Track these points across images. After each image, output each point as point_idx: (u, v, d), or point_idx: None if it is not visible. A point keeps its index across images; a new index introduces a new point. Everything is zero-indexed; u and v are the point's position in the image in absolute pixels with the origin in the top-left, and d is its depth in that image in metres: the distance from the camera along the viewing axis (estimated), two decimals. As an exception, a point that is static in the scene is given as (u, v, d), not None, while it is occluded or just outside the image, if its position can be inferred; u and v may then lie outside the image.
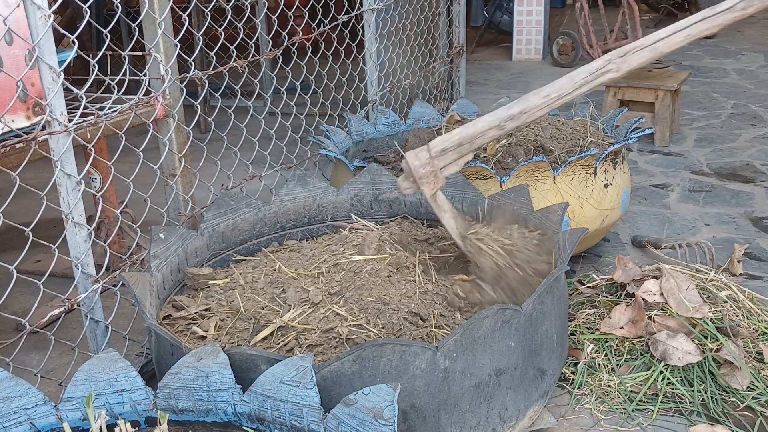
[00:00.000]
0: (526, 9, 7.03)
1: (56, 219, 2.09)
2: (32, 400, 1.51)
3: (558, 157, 2.73)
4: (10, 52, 1.77)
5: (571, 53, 6.70)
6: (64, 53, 2.02)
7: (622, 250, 3.04)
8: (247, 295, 2.04)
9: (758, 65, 6.43)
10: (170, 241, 2.11)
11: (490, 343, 1.66)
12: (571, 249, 1.93)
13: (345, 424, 1.37)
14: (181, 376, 1.53)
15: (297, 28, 3.15)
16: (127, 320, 2.34)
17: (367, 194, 2.55)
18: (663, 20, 8.43)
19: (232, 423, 1.54)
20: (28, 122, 1.85)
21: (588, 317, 2.37)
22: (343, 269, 2.07)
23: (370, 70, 3.67)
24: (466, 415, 1.65)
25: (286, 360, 1.47)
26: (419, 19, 4.47)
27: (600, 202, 2.66)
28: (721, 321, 2.19)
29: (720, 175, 3.87)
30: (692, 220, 3.32)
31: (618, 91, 4.40)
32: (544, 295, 1.79)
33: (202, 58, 4.70)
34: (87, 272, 2.01)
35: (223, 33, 2.60)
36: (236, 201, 2.38)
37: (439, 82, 4.95)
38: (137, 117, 2.20)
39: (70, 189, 1.92)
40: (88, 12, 1.96)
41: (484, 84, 6.29)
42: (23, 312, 2.45)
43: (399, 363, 1.55)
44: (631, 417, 2.02)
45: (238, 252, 2.37)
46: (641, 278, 2.38)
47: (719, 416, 1.99)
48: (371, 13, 3.56)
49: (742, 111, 5.07)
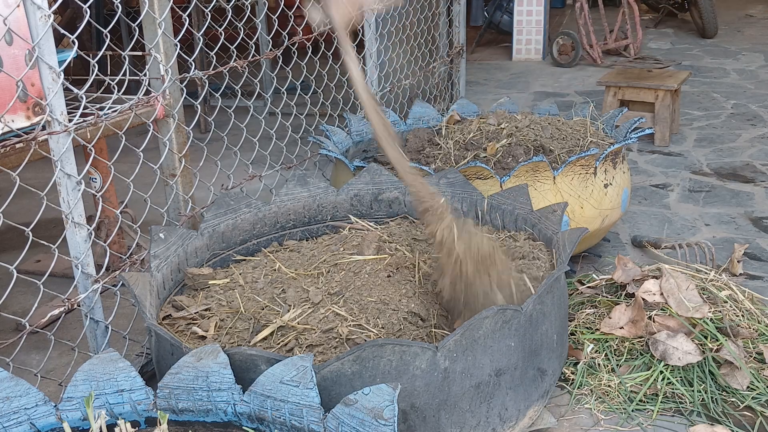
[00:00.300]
0: (526, 9, 7.03)
1: (56, 219, 2.09)
2: (32, 400, 1.51)
3: (558, 157, 2.73)
4: (10, 52, 1.77)
5: (571, 53, 6.70)
6: (64, 53, 2.02)
7: (622, 250, 3.04)
8: (247, 295, 2.04)
9: (758, 65, 6.43)
10: (170, 241, 2.11)
11: (490, 343, 1.66)
12: (571, 249, 1.93)
13: (345, 424, 1.37)
14: (181, 376, 1.53)
15: (297, 28, 3.15)
16: (127, 320, 2.34)
17: (367, 194, 2.55)
18: (663, 20, 8.42)
19: (232, 423, 1.54)
20: (28, 122, 1.85)
21: (588, 317, 2.37)
22: (342, 269, 2.07)
23: (370, 70, 3.67)
24: (466, 416, 1.65)
25: (286, 360, 1.47)
26: (419, 19, 4.47)
27: (600, 202, 2.66)
28: (721, 321, 2.19)
29: (720, 175, 3.87)
30: (692, 220, 3.32)
31: (618, 91, 4.40)
32: (544, 295, 1.79)
33: (202, 58, 4.70)
34: (87, 272, 2.02)
35: (223, 33, 2.60)
36: (236, 201, 2.38)
37: (439, 82, 4.95)
38: (137, 117, 2.20)
39: (70, 189, 1.92)
40: (88, 12, 1.96)
41: (484, 84, 6.29)
42: (23, 312, 2.45)
43: (399, 363, 1.55)
44: (631, 417, 2.02)
45: (238, 252, 2.37)
46: (641, 278, 2.38)
47: (719, 416, 1.99)
48: (371, 13, 3.56)
49: (742, 111, 5.07)
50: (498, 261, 1.92)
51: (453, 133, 2.97)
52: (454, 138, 2.91)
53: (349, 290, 1.95)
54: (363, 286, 1.96)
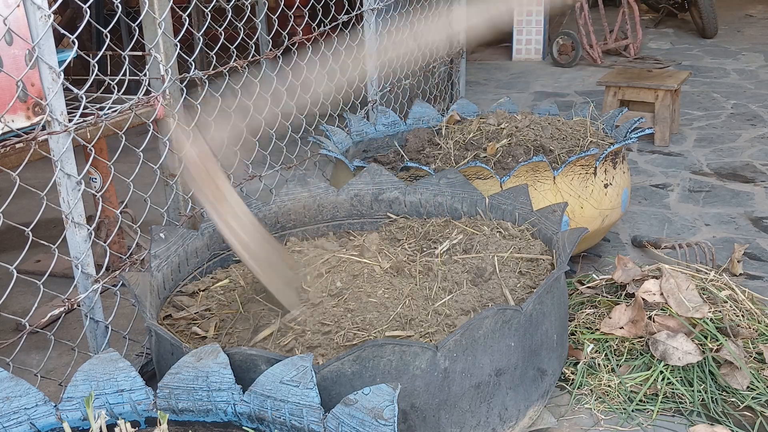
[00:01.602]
0: (526, 9, 7.03)
1: (56, 219, 2.09)
2: (32, 400, 1.51)
3: (558, 157, 2.73)
4: (10, 52, 1.77)
5: (571, 53, 6.70)
6: (64, 53, 2.02)
7: (622, 250, 3.04)
8: (247, 295, 2.04)
9: (758, 65, 6.43)
10: (171, 241, 2.11)
11: (490, 343, 1.66)
12: (571, 249, 1.93)
13: (345, 424, 1.37)
14: (181, 376, 1.53)
15: (297, 27, 3.15)
16: (127, 320, 2.34)
17: (367, 194, 2.55)
18: (663, 20, 8.42)
19: (232, 423, 1.54)
20: (28, 122, 1.85)
21: (588, 317, 2.37)
22: (343, 270, 2.08)
23: (370, 70, 3.67)
24: (466, 415, 1.65)
25: (286, 360, 1.47)
26: (419, 19, 4.46)
27: (600, 202, 2.66)
28: (721, 321, 2.19)
29: (720, 175, 3.87)
30: (692, 220, 3.32)
31: (618, 91, 4.40)
32: (544, 295, 1.79)
33: (202, 58, 4.70)
34: (87, 272, 2.01)
35: (223, 33, 2.60)
36: (236, 201, 2.38)
37: (439, 82, 4.95)
38: (137, 117, 2.20)
39: (70, 189, 1.92)
40: (88, 12, 1.96)
41: (484, 84, 6.29)
42: (23, 312, 2.44)
43: (399, 363, 1.55)
44: (631, 417, 2.02)
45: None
46: (641, 278, 2.38)
47: (719, 416, 1.99)
48: (371, 13, 3.56)
49: (742, 111, 5.07)
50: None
51: (453, 133, 2.97)
52: (454, 138, 2.91)
53: (349, 291, 1.95)
54: (363, 287, 1.96)
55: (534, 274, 2.06)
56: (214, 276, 2.25)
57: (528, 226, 2.27)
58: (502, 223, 2.32)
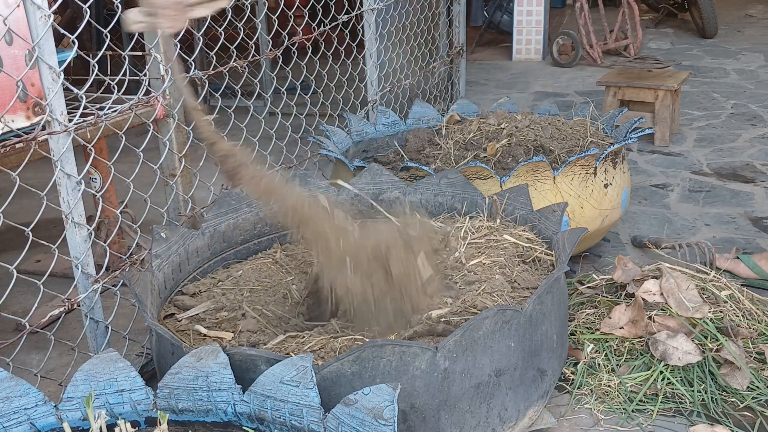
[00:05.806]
0: (526, 9, 7.03)
1: (56, 219, 2.09)
2: (32, 400, 1.51)
3: (558, 157, 2.73)
4: (10, 52, 1.77)
5: (571, 53, 6.69)
6: (64, 53, 2.02)
7: (622, 250, 3.04)
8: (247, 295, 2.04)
9: (758, 65, 6.43)
10: (172, 241, 2.11)
11: (490, 343, 1.66)
12: (571, 249, 1.93)
13: (345, 424, 1.37)
14: (181, 375, 1.53)
15: (297, 28, 3.15)
16: (127, 320, 2.34)
17: (367, 194, 2.55)
18: (663, 20, 8.42)
19: (232, 423, 1.54)
20: (28, 122, 1.85)
21: (588, 317, 2.37)
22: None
23: (370, 70, 3.67)
24: (466, 416, 1.65)
25: (286, 360, 1.47)
26: (419, 19, 4.47)
27: (600, 202, 2.66)
28: (721, 321, 2.19)
29: (720, 175, 3.87)
30: (692, 220, 3.32)
31: (618, 91, 4.40)
32: (544, 296, 1.79)
33: (202, 58, 4.69)
34: (87, 272, 2.02)
35: (223, 33, 2.60)
36: (237, 201, 2.38)
37: (439, 82, 4.95)
38: (137, 117, 2.20)
39: (70, 189, 1.92)
40: (88, 12, 1.96)
41: (484, 84, 6.29)
42: (23, 312, 2.44)
43: (399, 363, 1.55)
44: (631, 417, 2.02)
45: (239, 252, 2.37)
46: (641, 278, 2.37)
47: (719, 416, 1.99)
48: (371, 13, 3.56)
49: (742, 111, 5.07)
50: (393, 246, 1.57)
51: (453, 133, 2.97)
52: (454, 138, 2.91)
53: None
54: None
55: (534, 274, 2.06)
56: (214, 276, 2.25)
57: (528, 228, 2.27)
58: (503, 223, 2.32)
